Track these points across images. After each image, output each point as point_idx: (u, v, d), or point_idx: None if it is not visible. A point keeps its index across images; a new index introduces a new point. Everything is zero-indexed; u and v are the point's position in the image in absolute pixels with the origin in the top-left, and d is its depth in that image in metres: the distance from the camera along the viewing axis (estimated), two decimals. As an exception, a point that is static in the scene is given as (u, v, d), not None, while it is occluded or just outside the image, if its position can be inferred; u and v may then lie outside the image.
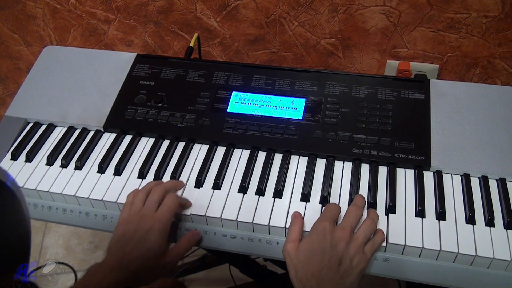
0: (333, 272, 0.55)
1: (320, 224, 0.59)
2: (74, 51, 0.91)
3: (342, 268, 0.56)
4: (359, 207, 0.63)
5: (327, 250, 0.56)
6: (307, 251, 0.57)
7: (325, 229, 0.58)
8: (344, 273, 0.56)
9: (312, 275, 0.55)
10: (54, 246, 1.50)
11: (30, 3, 1.15)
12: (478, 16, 0.94)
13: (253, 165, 0.72)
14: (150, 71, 0.85)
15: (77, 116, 0.81)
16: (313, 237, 0.58)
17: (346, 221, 0.60)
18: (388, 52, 1.06)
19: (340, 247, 0.57)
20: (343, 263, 0.56)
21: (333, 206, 0.62)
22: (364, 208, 0.65)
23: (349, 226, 0.59)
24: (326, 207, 0.63)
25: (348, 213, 0.61)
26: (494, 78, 1.05)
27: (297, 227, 0.61)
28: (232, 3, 1.04)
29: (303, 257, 0.57)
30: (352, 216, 0.61)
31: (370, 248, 0.60)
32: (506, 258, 0.59)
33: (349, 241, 0.58)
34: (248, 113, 0.78)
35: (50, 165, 0.76)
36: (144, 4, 1.09)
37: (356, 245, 0.58)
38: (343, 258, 0.56)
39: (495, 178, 0.69)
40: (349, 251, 0.57)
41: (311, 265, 0.56)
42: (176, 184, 0.70)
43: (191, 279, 1.39)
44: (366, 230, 0.60)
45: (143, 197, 0.65)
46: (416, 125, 0.73)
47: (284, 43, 1.10)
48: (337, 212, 0.62)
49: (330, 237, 0.57)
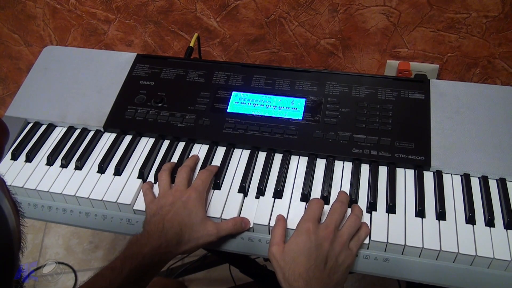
0: (320, 271, 0.55)
1: (304, 225, 0.59)
2: (74, 51, 0.91)
3: (329, 266, 0.56)
4: (343, 204, 0.63)
5: (313, 250, 0.56)
6: (293, 252, 0.57)
7: (309, 229, 0.58)
8: (331, 271, 0.56)
9: (299, 275, 0.55)
10: (54, 246, 1.50)
11: (30, 3, 1.15)
12: (478, 16, 0.94)
13: (253, 165, 0.72)
14: (150, 71, 0.85)
15: (77, 116, 0.81)
16: (297, 238, 0.58)
17: (330, 219, 0.60)
18: (388, 52, 1.06)
19: (325, 246, 0.57)
20: (329, 262, 0.56)
21: (315, 205, 0.62)
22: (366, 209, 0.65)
23: (333, 224, 0.59)
24: (309, 205, 0.63)
25: (332, 210, 0.62)
26: (494, 78, 1.05)
27: (280, 229, 0.61)
28: (232, 3, 1.04)
29: (289, 259, 0.57)
30: (336, 213, 0.61)
31: (356, 244, 0.60)
32: (506, 258, 0.59)
33: (333, 239, 0.58)
34: (248, 113, 0.78)
35: (50, 165, 0.76)
36: (144, 4, 1.09)
37: (341, 242, 0.58)
38: (329, 257, 0.57)
39: (495, 178, 0.69)
40: (334, 249, 0.57)
41: (297, 266, 0.56)
42: (195, 159, 0.73)
43: (191, 279, 1.39)
44: (350, 226, 0.61)
45: (168, 177, 0.68)
46: (416, 125, 0.73)
47: (284, 43, 1.10)
48: (320, 211, 0.62)
49: (315, 237, 0.57)
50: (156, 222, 0.61)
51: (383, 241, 0.62)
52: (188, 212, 0.62)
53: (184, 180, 0.66)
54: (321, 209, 0.62)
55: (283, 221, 0.63)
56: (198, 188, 0.65)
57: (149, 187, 0.69)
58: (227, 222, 0.64)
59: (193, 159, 0.72)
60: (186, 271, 1.31)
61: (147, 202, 0.67)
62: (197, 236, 0.62)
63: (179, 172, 0.68)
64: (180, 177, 0.67)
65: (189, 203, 0.63)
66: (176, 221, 0.61)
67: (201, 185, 0.65)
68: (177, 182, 0.67)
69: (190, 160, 0.72)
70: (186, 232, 0.61)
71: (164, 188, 0.67)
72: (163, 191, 0.66)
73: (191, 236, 0.62)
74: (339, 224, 0.60)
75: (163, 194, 0.66)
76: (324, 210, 0.63)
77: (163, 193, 0.66)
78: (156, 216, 0.62)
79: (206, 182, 0.67)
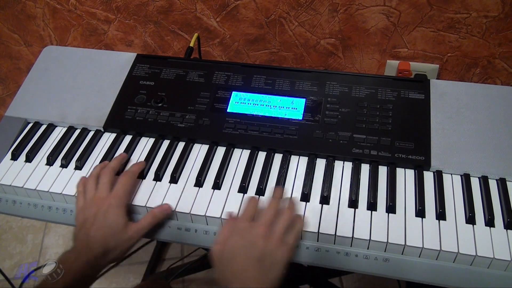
0: (255, 269, 0.55)
1: (238, 225, 0.60)
2: (74, 51, 0.91)
3: (265, 264, 0.56)
4: (277, 200, 0.63)
5: (247, 249, 0.57)
6: (228, 252, 0.57)
7: (243, 228, 0.59)
8: (267, 268, 0.56)
9: (233, 275, 0.55)
10: (54, 246, 1.50)
11: (30, 3, 1.15)
12: (478, 16, 0.94)
13: (253, 165, 0.72)
14: (150, 71, 0.85)
15: (77, 116, 0.81)
16: (232, 238, 0.59)
17: (264, 216, 0.60)
18: (388, 52, 1.06)
19: (260, 244, 0.57)
20: (265, 259, 0.56)
21: (250, 204, 0.63)
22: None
23: (266, 221, 0.59)
24: (243, 204, 0.64)
25: (266, 207, 0.62)
26: (494, 78, 1.05)
27: (225, 230, 0.61)
28: (232, 3, 1.04)
29: (225, 259, 0.57)
30: (269, 210, 0.61)
31: (292, 236, 0.60)
32: (506, 258, 0.59)
33: (267, 236, 0.57)
34: (248, 113, 0.78)
35: (50, 165, 0.76)
36: (144, 4, 1.09)
37: (276, 238, 0.58)
38: (264, 254, 0.56)
39: (495, 178, 0.69)
40: (269, 246, 0.57)
41: (233, 266, 0.56)
42: (121, 159, 0.73)
43: (191, 279, 1.39)
44: (284, 221, 0.60)
45: (94, 183, 0.68)
46: (416, 125, 0.73)
47: (284, 43, 1.10)
48: (254, 209, 0.62)
49: (248, 235, 0.58)
50: (82, 239, 0.63)
51: (383, 241, 0.62)
52: (110, 222, 0.64)
53: (105, 185, 0.67)
54: (256, 208, 0.63)
55: (233, 220, 0.63)
56: (118, 193, 0.66)
57: (83, 189, 0.68)
58: (145, 217, 0.66)
59: (118, 160, 0.72)
60: (186, 271, 1.31)
61: (78, 208, 0.68)
62: (121, 242, 0.64)
63: (101, 175, 0.68)
64: (102, 182, 0.67)
65: (109, 212, 0.64)
66: (99, 235, 0.63)
67: (121, 190, 0.66)
68: (99, 187, 0.67)
69: (114, 162, 0.72)
70: (111, 242, 0.63)
71: (89, 196, 0.67)
72: (89, 199, 0.67)
73: (116, 244, 0.64)
74: (273, 220, 0.60)
75: (89, 203, 0.66)
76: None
77: (89, 202, 0.66)
78: (82, 231, 0.64)
79: (127, 185, 0.67)
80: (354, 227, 0.64)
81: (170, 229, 0.69)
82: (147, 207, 0.68)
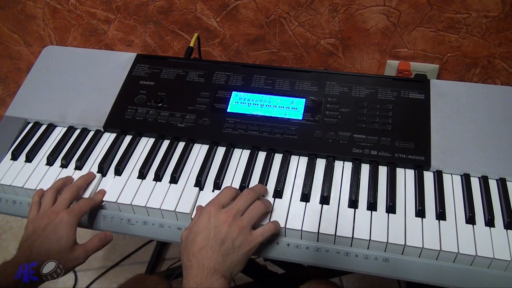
0: (214, 251, 0.57)
1: (206, 208, 0.61)
2: (74, 51, 0.91)
3: (224, 248, 0.57)
4: (253, 191, 0.64)
5: (211, 231, 0.58)
6: (193, 233, 0.60)
7: (210, 212, 0.60)
8: (226, 252, 0.58)
9: (193, 254, 0.57)
10: (54, 246, 1.50)
11: (30, 3, 1.15)
12: (478, 16, 0.94)
13: (253, 165, 0.72)
14: (150, 71, 0.85)
15: (77, 116, 0.81)
16: (199, 220, 0.61)
17: (234, 204, 0.62)
18: (388, 52, 1.06)
19: (224, 229, 0.59)
20: (225, 243, 0.58)
21: (225, 191, 0.64)
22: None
23: (235, 208, 0.61)
24: (220, 191, 0.65)
25: (239, 196, 0.63)
26: (494, 78, 1.05)
27: (196, 216, 0.63)
28: (232, 3, 1.04)
29: (189, 240, 0.60)
30: (241, 199, 0.62)
31: (260, 233, 0.61)
32: (506, 258, 0.59)
33: (232, 223, 0.59)
34: (248, 113, 0.78)
35: (50, 165, 0.76)
36: (144, 4, 1.09)
37: (240, 226, 0.59)
38: (225, 239, 0.58)
39: (495, 178, 0.69)
40: (232, 232, 0.59)
41: (194, 245, 0.58)
42: (86, 179, 0.71)
43: (191, 279, 1.39)
44: (252, 211, 0.62)
45: (52, 196, 0.67)
46: (416, 125, 0.73)
47: (284, 43, 1.10)
48: (228, 197, 0.63)
49: (214, 219, 0.60)
50: (25, 250, 0.62)
51: (383, 241, 0.62)
52: (58, 238, 0.62)
53: (65, 201, 0.66)
54: (231, 196, 0.64)
55: (208, 212, 0.62)
56: (73, 211, 0.64)
57: (38, 200, 0.68)
58: (92, 240, 0.66)
59: (84, 179, 0.71)
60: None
61: (29, 219, 0.66)
62: (65, 261, 0.63)
63: (64, 191, 0.67)
64: (62, 197, 0.67)
65: (59, 227, 0.63)
66: (43, 249, 0.61)
67: (76, 209, 0.65)
68: (58, 202, 0.66)
69: (80, 180, 0.70)
70: (54, 258, 0.61)
71: (44, 208, 0.66)
72: (43, 212, 0.65)
73: (59, 262, 0.62)
74: (242, 209, 0.61)
75: (41, 214, 0.65)
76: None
77: (41, 214, 0.65)
78: (27, 241, 0.62)
79: (83, 209, 0.66)
80: (354, 227, 0.64)
81: (170, 229, 0.69)
82: (147, 207, 0.68)
